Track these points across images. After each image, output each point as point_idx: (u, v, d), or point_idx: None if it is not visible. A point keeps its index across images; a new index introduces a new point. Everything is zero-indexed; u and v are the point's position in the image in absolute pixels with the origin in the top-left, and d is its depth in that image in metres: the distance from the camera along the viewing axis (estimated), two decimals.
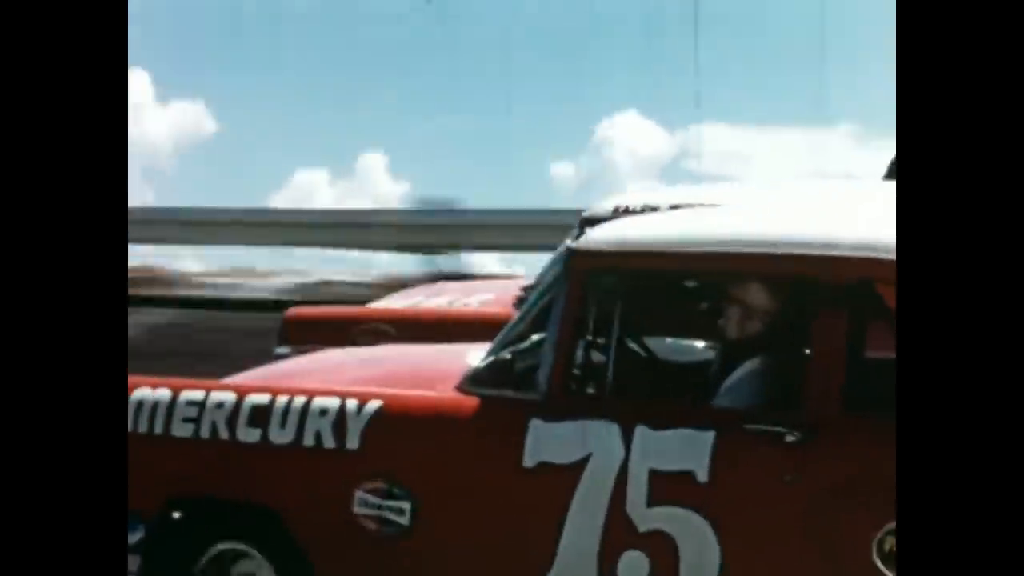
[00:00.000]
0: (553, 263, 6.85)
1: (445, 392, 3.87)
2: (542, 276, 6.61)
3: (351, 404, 3.83)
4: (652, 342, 4.35)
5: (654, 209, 6.03)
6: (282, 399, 3.91)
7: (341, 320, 6.77)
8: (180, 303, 15.04)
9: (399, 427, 3.80)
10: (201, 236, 16.56)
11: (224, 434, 3.93)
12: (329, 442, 3.81)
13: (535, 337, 3.88)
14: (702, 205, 5.69)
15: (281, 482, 3.89)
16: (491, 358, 3.89)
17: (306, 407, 3.87)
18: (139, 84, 19.92)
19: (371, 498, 3.76)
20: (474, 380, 3.86)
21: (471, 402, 3.78)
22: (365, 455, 3.79)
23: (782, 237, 3.57)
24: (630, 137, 20.00)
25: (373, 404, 3.82)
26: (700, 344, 4.52)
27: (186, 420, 3.99)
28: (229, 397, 3.98)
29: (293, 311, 7.05)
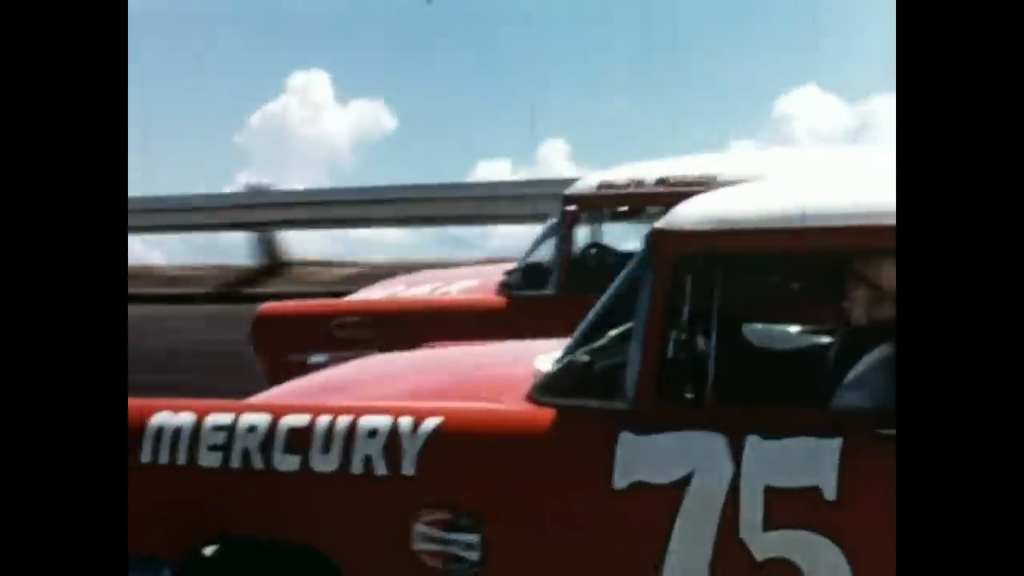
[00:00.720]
0: (545, 233, 6.51)
1: (514, 403, 3.47)
2: (528, 255, 6.52)
3: (405, 422, 3.45)
4: (757, 334, 3.92)
5: (639, 183, 6.13)
6: (324, 419, 3.53)
7: (317, 315, 6.62)
8: None
9: (463, 447, 3.41)
10: None
11: (259, 463, 3.57)
12: (381, 468, 3.44)
13: (616, 333, 3.47)
14: (692, 177, 5.89)
15: (327, 517, 3.53)
16: (566, 361, 3.48)
17: (352, 428, 3.49)
18: (319, 84, 20.56)
19: (433, 531, 3.38)
20: (548, 388, 3.46)
21: (546, 414, 3.37)
22: (424, 481, 3.41)
23: None
24: (809, 112, 19.82)
25: (431, 421, 3.43)
26: (815, 334, 4.08)
27: (213, 448, 3.63)
28: (263, 419, 3.61)
29: (266, 307, 6.89)
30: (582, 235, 6.55)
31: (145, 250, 16.97)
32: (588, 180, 6.46)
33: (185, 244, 17.76)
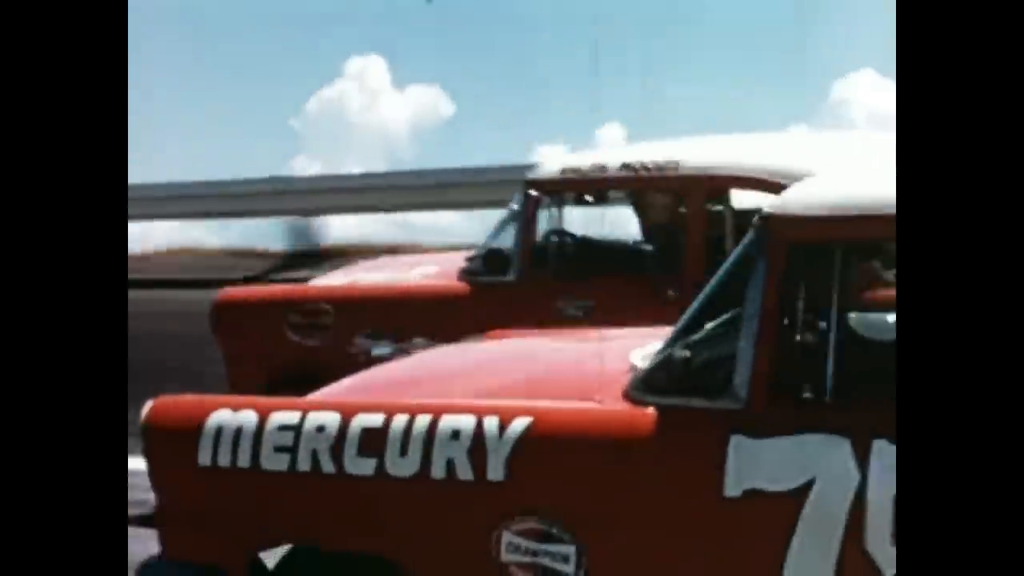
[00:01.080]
0: (507, 219, 6.56)
1: (609, 402, 3.24)
2: (489, 241, 6.48)
3: (491, 423, 3.23)
4: (881, 328, 3.67)
5: (603, 168, 6.13)
6: (400, 419, 3.32)
7: (276, 301, 6.63)
8: None
9: (556, 450, 3.20)
10: None
11: (329, 466, 3.36)
12: (465, 473, 3.23)
13: (720, 327, 3.25)
14: (655, 162, 5.96)
15: (405, 526, 3.32)
16: (666, 356, 3.25)
17: (432, 429, 3.27)
18: (376, 71, 20.71)
19: (524, 542, 3.17)
20: (647, 385, 3.24)
21: (648, 415, 3.15)
22: (513, 487, 3.20)
23: None
24: (867, 96, 19.66)
25: (520, 422, 3.21)
26: None
27: (279, 449, 3.41)
28: (332, 419, 3.39)
29: (225, 292, 6.86)
30: (544, 220, 6.46)
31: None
32: (551, 165, 6.42)
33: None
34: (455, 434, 3.24)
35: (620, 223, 6.90)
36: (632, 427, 3.15)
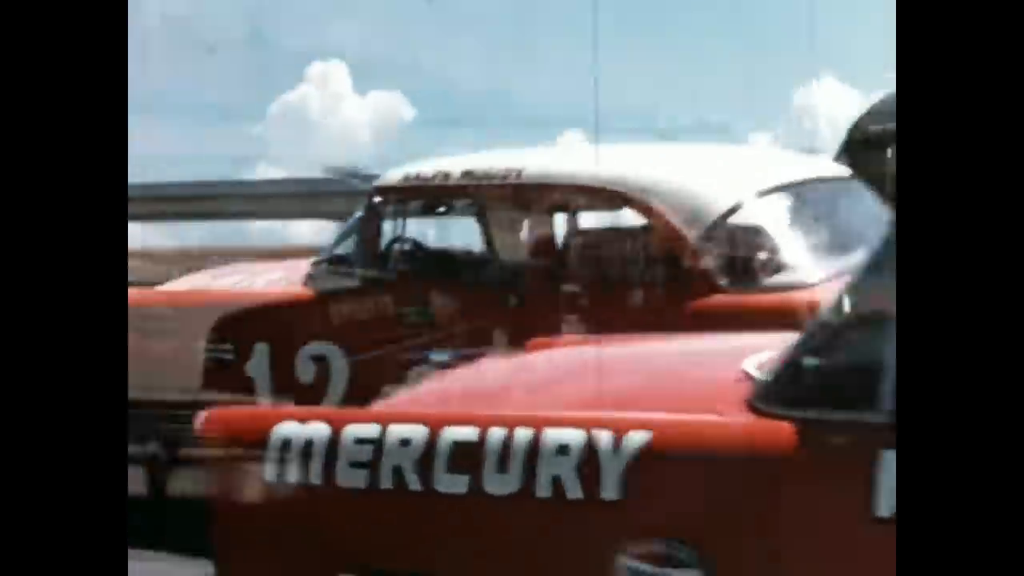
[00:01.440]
0: (352, 225, 6.60)
1: (735, 414, 2.99)
2: (333, 247, 6.61)
3: (603, 437, 2.97)
4: None
5: (446, 176, 6.29)
6: (497, 432, 3.05)
7: None
8: None
9: (680, 466, 2.94)
10: None
11: (415, 484, 3.09)
12: (575, 491, 2.96)
13: (852, 331, 3.03)
14: (498, 170, 6.09)
15: (505, 548, 3.07)
16: (794, 363, 3.00)
17: (535, 443, 3.00)
18: (338, 75, 20.86)
19: (646, 568, 2.91)
20: (776, 396, 2.99)
21: (783, 429, 2.90)
22: (632, 507, 2.94)
23: None
24: (829, 104, 19.82)
25: (637, 436, 2.95)
26: None
27: (356, 465, 3.14)
28: (418, 432, 3.11)
29: None
30: (389, 227, 6.59)
31: None
32: (396, 172, 6.51)
33: None
34: (563, 449, 2.98)
35: (472, 231, 6.97)
36: (765, 441, 2.90)
